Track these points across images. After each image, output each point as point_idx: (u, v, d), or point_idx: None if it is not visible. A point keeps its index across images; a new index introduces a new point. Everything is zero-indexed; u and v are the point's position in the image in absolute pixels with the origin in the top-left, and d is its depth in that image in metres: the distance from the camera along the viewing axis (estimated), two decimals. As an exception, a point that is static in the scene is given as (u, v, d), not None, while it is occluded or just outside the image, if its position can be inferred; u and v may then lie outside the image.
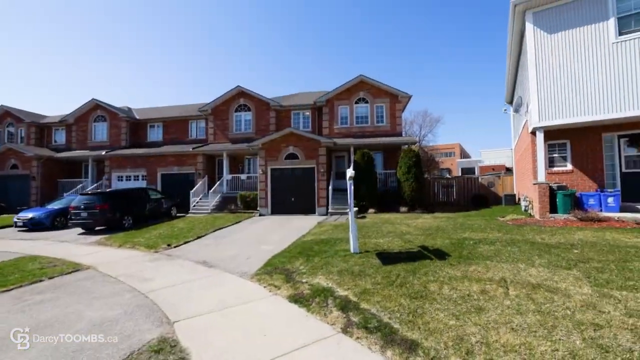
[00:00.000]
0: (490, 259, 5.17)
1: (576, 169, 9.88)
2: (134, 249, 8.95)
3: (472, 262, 5.07)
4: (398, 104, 17.86)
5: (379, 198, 15.43)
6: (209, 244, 9.25)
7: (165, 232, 11.35)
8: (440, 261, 5.24)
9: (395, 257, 5.91)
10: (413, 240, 7.49)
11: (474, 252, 5.65)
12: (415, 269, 4.91)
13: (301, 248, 7.51)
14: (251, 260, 6.90)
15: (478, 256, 5.38)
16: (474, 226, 9.01)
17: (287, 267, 5.92)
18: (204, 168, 18.47)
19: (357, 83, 18.22)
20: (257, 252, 7.75)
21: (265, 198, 15.96)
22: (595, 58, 8.80)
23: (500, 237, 6.90)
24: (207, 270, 6.40)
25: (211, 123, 19.81)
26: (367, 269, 5.29)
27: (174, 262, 7.22)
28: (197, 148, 18.26)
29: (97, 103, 20.98)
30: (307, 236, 9.26)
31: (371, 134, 17.84)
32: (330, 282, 4.86)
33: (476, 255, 5.43)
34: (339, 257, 6.18)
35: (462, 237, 7.39)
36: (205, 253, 7.97)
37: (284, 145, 16.02)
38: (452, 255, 5.60)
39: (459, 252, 5.74)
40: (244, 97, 19.58)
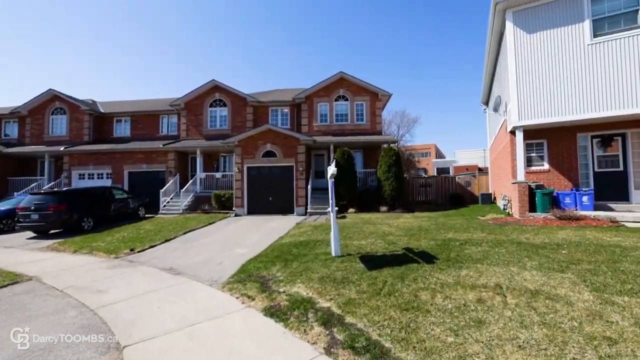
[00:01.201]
0: (480, 261, 4.90)
1: (552, 168, 10.00)
2: (91, 255, 8.04)
3: (462, 265, 4.76)
4: (378, 102, 17.66)
5: (359, 197, 15.15)
6: (178, 247, 8.50)
7: (130, 235, 10.41)
8: (429, 265, 4.90)
9: (380, 260, 5.53)
10: (397, 242, 7.16)
11: (462, 255, 5.37)
12: (403, 275, 4.54)
13: (279, 251, 6.98)
14: (223, 266, 6.30)
15: (467, 259, 5.10)
16: (456, 226, 8.85)
17: (263, 274, 5.38)
18: (175, 166, 17.40)
19: (337, 80, 17.84)
20: (230, 256, 7.13)
21: (242, 197, 15.23)
22: (572, 59, 8.88)
23: (485, 238, 6.71)
24: (172, 279, 5.73)
25: (184, 118, 18.73)
26: (350, 274, 4.86)
27: (135, 270, 6.46)
28: (168, 144, 17.16)
29: (55, 94, 19.25)
30: (285, 238, 8.73)
31: (351, 132, 17.53)
32: (310, 291, 4.38)
33: (465, 258, 5.15)
34: (320, 262, 5.72)
35: (446, 237, 7.15)
36: (173, 258, 7.25)
37: (261, 143, 15.35)
38: (440, 258, 5.29)
39: (447, 255, 5.44)
40: (219, 92, 18.66)
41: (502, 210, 11.30)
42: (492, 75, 14.96)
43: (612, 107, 8.42)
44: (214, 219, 13.49)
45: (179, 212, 15.37)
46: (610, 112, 8.45)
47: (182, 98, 18.39)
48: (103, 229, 11.64)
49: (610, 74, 8.45)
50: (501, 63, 11.53)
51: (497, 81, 13.40)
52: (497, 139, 14.29)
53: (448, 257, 5.30)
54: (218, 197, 15.77)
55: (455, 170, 41.23)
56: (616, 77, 8.37)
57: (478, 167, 44.59)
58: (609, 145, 9.49)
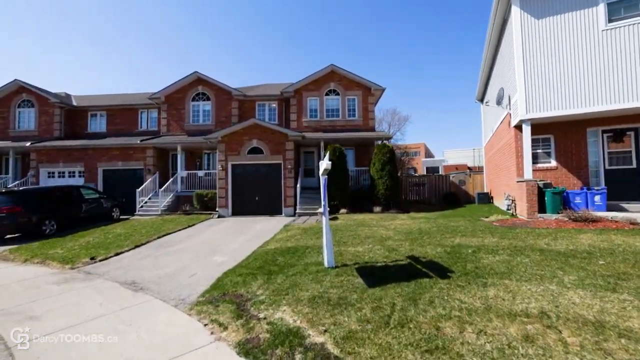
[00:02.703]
0: (505, 276, 4.04)
1: (560, 165, 9.32)
2: (43, 265, 6.89)
3: (486, 281, 3.90)
4: (371, 97, 16.81)
5: (351, 197, 14.28)
6: (148, 255, 7.42)
7: (97, 239, 9.24)
8: (444, 280, 4.02)
9: (382, 273, 4.62)
10: (398, 248, 6.28)
11: (481, 266, 4.51)
12: (415, 294, 3.64)
13: (262, 260, 6.00)
14: (196, 279, 5.29)
15: (488, 272, 4.24)
16: (460, 228, 8.04)
17: (241, 292, 4.40)
18: (154, 163, 16.15)
19: (327, 73, 16.91)
20: (206, 266, 6.12)
21: (226, 197, 14.14)
22: (584, 46, 8.18)
23: (498, 244, 5.89)
24: (131, 297, 4.69)
25: (164, 113, 17.46)
26: (348, 293, 3.94)
27: (89, 285, 5.38)
28: (146, 140, 15.90)
29: (21, 85, 17.68)
30: (271, 243, 7.75)
31: (342, 128, 16.63)
32: (298, 317, 3.44)
33: (486, 271, 4.29)
34: (310, 275, 4.78)
35: (454, 243, 6.31)
36: (139, 269, 6.19)
37: (246, 139, 14.29)
38: (455, 270, 4.42)
39: (462, 266, 4.57)
40: (202, 85, 17.47)
41: (506, 210, 10.59)
42: (490, 69, 14.29)
43: (628, 99, 7.75)
44: (194, 220, 12.38)
45: (157, 214, 14.18)
46: (626, 104, 7.78)
47: (162, 91, 17.13)
48: (68, 233, 10.40)
49: (625, 63, 7.78)
50: (503, 53, 10.81)
51: (496, 74, 12.71)
52: (496, 136, 13.63)
53: (464, 269, 4.43)
54: (200, 197, 14.64)
55: (445, 169, 40.93)
56: (632, 66, 7.71)
57: (467, 166, 44.51)
58: (621, 141, 8.86)
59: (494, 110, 13.80)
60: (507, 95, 10.21)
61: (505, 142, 11.15)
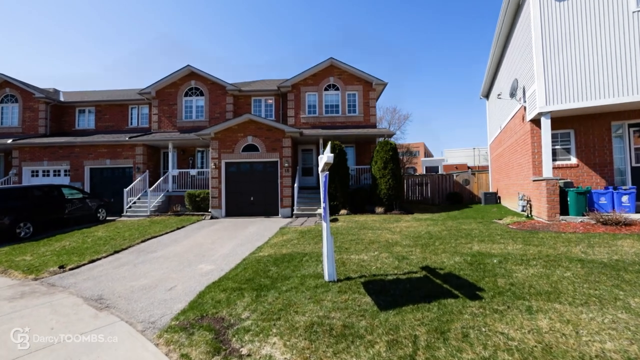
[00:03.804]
0: (553, 297, 3.24)
1: (581, 162, 8.55)
2: (3, 275, 6.05)
3: (530, 304, 3.10)
4: (372, 92, 16.01)
5: (351, 197, 13.50)
6: (127, 262, 6.61)
7: (74, 244, 8.41)
8: (475, 302, 3.22)
9: (395, 290, 3.82)
10: (408, 256, 5.49)
11: (516, 283, 3.71)
12: (441, 323, 2.85)
13: (252, 271, 5.19)
14: (174, 294, 4.48)
15: (528, 290, 3.45)
16: (474, 232, 7.25)
17: (222, 314, 3.59)
18: (144, 162, 15.30)
19: (326, 67, 16.10)
20: (189, 276, 5.31)
21: (219, 197, 13.33)
22: (612, 30, 7.40)
23: (526, 252, 5.10)
24: (92, 319, 3.88)
25: (155, 109, 16.61)
26: (355, 319, 3.14)
27: (47, 302, 4.56)
28: (135, 137, 15.05)
29: (4, 79, 16.78)
30: (265, 249, 6.94)
31: (342, 124, 15.82)
32: (292, 354, 2.63)
33: (525, 290, 3.49)
34: (308, 291, 3.98)
35: (472, 250, 5.51)
36: (112, 280, 5.38)
37: (241, 135, 13.47)
38: (485, 288, 3.62)
39: (492, 282, 3.78)
40: (195, 79, 16.63)
41: (520, 212, 9.81)
42: (499, 62, 13.53)
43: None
44: (184, 222, 11.56)
45: (146, 215, 13.34)
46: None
47: (153, 85, 16.28)
48: (45, 236, 9.57)
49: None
50: (516, 42, 10.03)
51: (507, 66, 11.93)
52: (505, 132, 12.86)
53: (496, 286, 3.63)
54: (192, 197, 13.81)
55: (445, 169, 40.22)
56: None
57: (468, 166, 43.82)
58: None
59: (502, 105, 13.04)
60: (521, 86, 9.43)
61: (518, 138, 10.37)
